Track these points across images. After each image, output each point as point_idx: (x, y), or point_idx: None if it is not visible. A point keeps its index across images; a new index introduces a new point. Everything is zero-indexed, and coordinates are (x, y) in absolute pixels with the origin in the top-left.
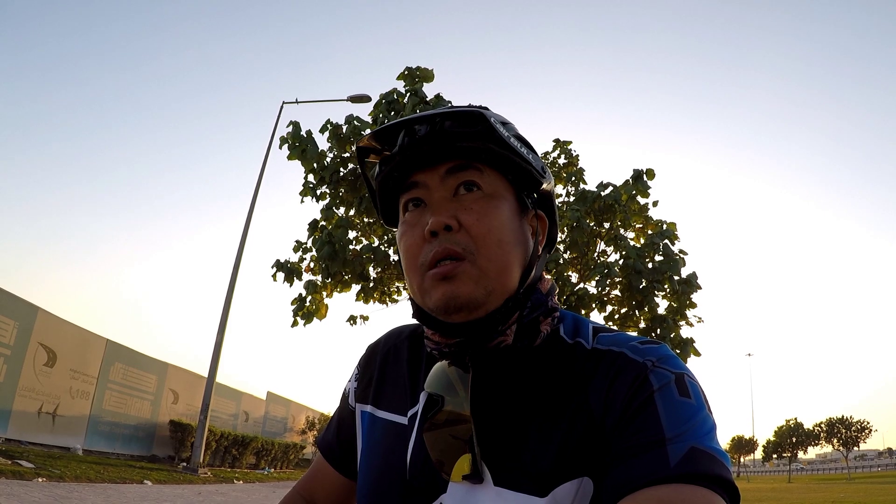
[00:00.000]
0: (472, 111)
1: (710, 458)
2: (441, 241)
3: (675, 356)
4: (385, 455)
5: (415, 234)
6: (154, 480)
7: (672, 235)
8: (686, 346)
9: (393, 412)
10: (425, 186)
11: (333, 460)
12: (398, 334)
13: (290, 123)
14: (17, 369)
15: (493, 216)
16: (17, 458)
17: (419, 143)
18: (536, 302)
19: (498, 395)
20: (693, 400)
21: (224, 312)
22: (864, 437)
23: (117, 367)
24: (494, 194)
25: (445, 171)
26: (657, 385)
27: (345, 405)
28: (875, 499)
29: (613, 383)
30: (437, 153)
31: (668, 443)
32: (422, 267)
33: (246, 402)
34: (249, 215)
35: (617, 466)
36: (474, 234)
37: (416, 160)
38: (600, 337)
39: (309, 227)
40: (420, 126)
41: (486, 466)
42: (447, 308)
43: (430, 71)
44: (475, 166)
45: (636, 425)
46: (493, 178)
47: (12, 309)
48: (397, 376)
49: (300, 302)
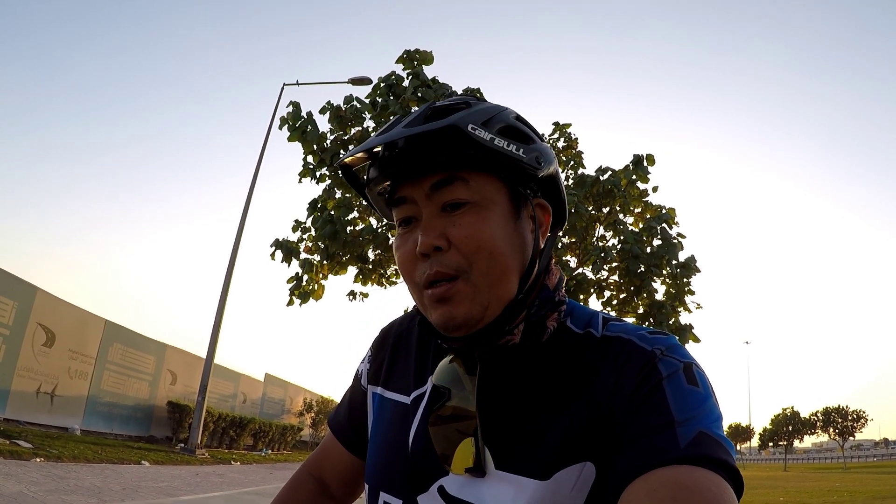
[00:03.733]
0: (446, 127)
1: (718, 444)
2: (433, 263)
3: (682, 347)
4: (391, 435)
5: (407, 251)
6: (152, 461)
7: (670, 219)
8: (685, 332)
9: (399, 392)
10: (413, 202)
11: (344, 440)
12: (411, 318)
13: (291, 104)
14: (16, 349)
15: (482, 228)
16: (16, 438)
17: (398, 158)
18: (544, 299)
19: (505, 391)
20: (701, 389)
21: (223, 294)
22: (860, 426)
23: (116, 347)
24: (483, 202)
25: (430, 187)
26: (666, 373)
27: (357, 386)
28: (870, 489)
29: (622, 370)
30: (419, 167)
31: (677, 425)
32: (418, 285)
33: (244, 383)
34: (249, 196)
35: (626, 450)
36: (465, 251)
37: (400, 174)
38: (610, 325)
39: (309, 207)
40: (399, 142)
41: (489, 455)
42: (446, 328)
43: (430, 53)
44: (460, 177)
45: (645, 410)
46: (482, 182)
47: (11, 289)
48: (406, 358)
49: (297, 281)
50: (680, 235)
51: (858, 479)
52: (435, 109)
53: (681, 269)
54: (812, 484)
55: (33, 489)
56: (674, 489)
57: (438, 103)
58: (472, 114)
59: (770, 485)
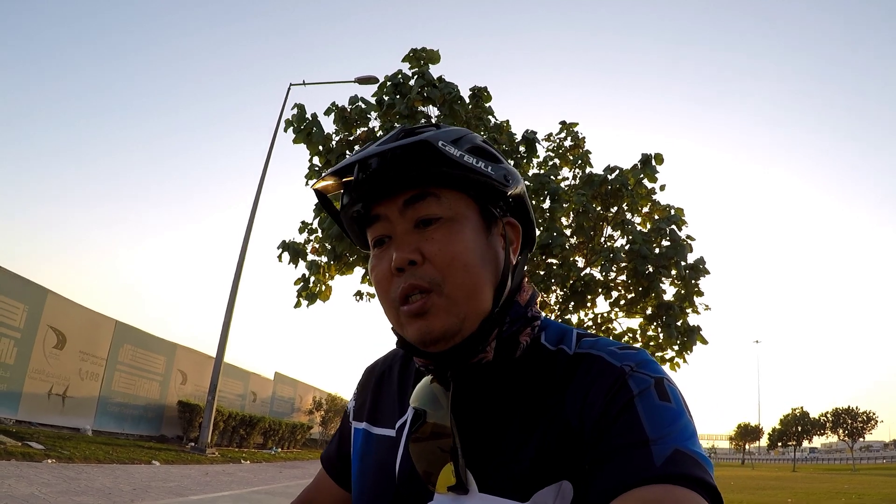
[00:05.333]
0: (418, 142)
1: (694, 462)
2: (407, 277)
3: (653, 361)
4: (376, 468)
5: (382, 268)
6: (162, 461)
7: (679, 221)
8: (693, 333)
9: (385, 426)
10: (387, 219)
11: (334, 474)
12: (393, 356)
13: (295, 106)
14: (28, 352)
15: (455, 242)
16: (28, 439)
17: (372, 178)
18: (515, 315)
19: (479, 407)
20: (673, 404)
21: (232, 293)
22: (870, 428)
23: (126, 348)
24: (455, 218)
25: (403, 203)
26: (637, 390)
27: (345, 421)
28: (879, 491)
29: (591, 387)
30: (391, 185)
31: (651, 444)
32: (394, 302)
33: (254, 382)
34: (257, 197)
35: (600, 469)
36: (438, 264)
37: (374, 193)
38: (582, 342)
39: (315, 208)
40: (372, 160)
41: (471, 475)
42: (424, 342)
43: (436, 52)
44: (432, 193)
45: (617, 429)
46: (453, 199)
47: (22, 292)
48: (389, 393)
49: (304, 282)
50: (689, 237)
51: (867, 481)
52: (406, 131)
53: (689, 271)
54: (821, 485)
55: (44, 491)
56: None
57: (409, 127)
58: (442, 133)
59: (778, 485)
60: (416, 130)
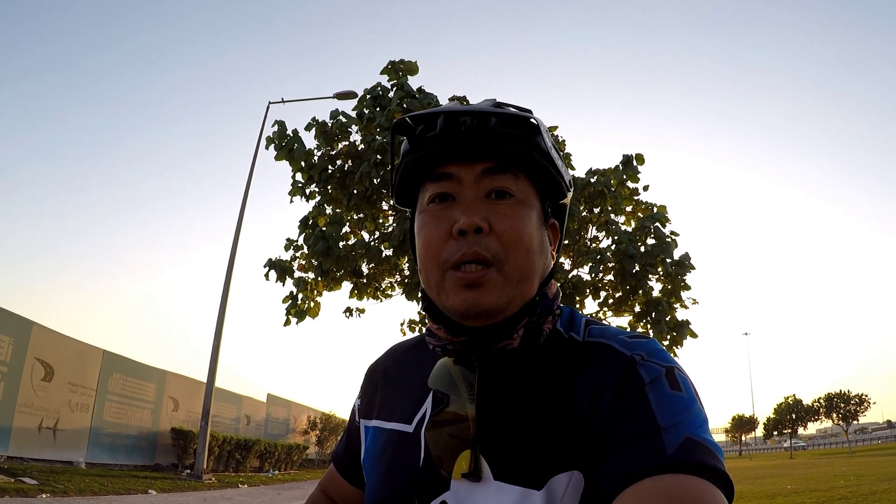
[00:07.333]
0: (524, 115)
1: (706, 450)
2: (470, 243)
3: (664, 350)
4: (390, 462)
5: (439, 229)
6: (158, 489)
7: (663, 218)
8: (682, 328)
9: (399, 422)
10: (458, 181)
11: (343, 471)
12: (395, 351)
13: (276, 123)
14: (15, 386)
15: (525, 223)
16: (20, 475)
17: (464, 135)
18: (545, 307)
19: (500, 395)
20: (684, 393)
21: (220, 316)
22: (863, 410)
23: (115, 377)
24: (525, 201)
25: (482, 171)
26: (648, 379)
27: (352, 420)
28: (877, 471)
29: (601, 377)
30: (478, 149)
31: (663, 432)
32: (444, 264)
33: (246, 405)
34: (240, 217)
35: (611, 457)
36: (505, 240)
37: (455, 151)
38: (591, 329)
39: (300, 225)
40: (466, 118)
41: (485, 462)
42: (466, 315)
43: (414, 63)
44: (512, 171)
45: (629, 418)
46: (525, 184)
47: (7, 325)
48: (401, 389)
49: (292, 300)
50: (673, 234)
51: (864, 462)
52: (499, 104)
53: (676, 267)
54: (819, 470)
55: None
56: (665, 499)
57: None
58: (541, 121)
59: (778, 473)
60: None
